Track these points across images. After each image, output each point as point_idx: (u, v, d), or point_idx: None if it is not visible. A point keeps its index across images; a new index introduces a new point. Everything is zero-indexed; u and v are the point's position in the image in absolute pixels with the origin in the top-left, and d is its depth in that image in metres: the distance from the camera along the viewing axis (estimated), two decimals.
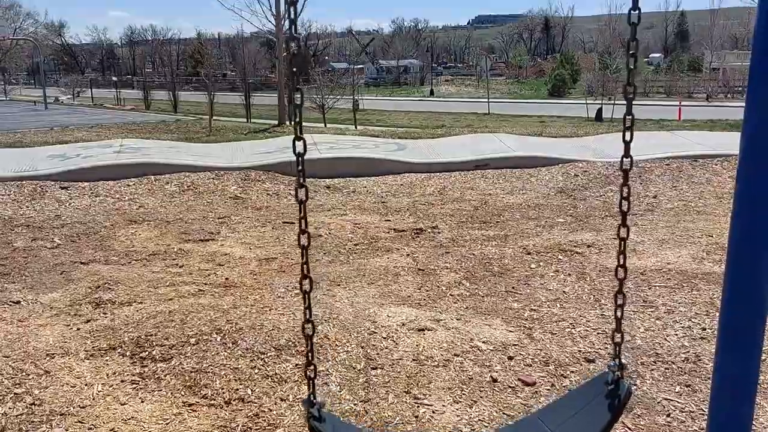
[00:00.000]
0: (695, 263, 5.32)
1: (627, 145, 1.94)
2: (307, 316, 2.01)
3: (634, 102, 1.96)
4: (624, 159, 1.96)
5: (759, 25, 2.02)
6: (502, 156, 10.16)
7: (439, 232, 6.63)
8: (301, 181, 1.92)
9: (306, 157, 1.87)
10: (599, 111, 25.72)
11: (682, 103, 25.98)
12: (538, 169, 9.59)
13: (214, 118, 22.55)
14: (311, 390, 1.97)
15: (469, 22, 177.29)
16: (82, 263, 5.51)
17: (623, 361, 2.02)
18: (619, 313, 2.02)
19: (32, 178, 8.58)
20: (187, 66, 76.64)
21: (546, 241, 6.13)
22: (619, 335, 2.03)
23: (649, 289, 4.75)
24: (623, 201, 1.98)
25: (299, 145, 1.92)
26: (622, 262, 1.99)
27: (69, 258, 5.68)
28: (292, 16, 2.00)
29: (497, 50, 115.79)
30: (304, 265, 1.98)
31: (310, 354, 2.02)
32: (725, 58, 48.96)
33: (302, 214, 1.97)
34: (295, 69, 2.01)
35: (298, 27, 1.97)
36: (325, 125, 22.07)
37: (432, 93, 56.55)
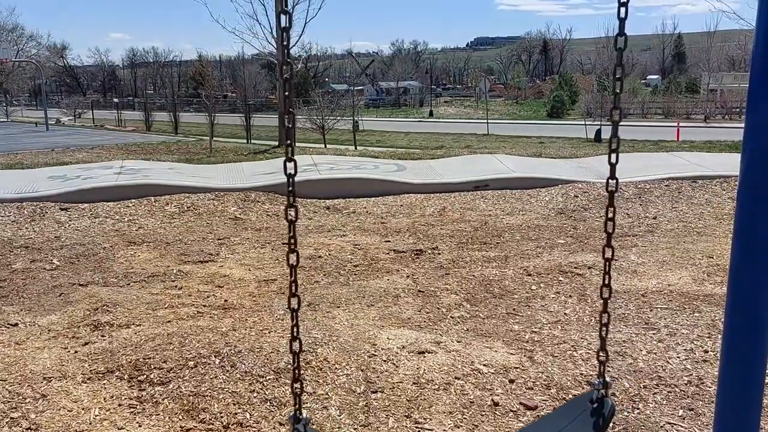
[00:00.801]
0: (696, 285, 5.30)
1: (612, 167, 1.98)
2: (295, 333, 2.00)
3: (632, 124, 1.98)
4: (609, 181, 2.00)
5: (756, 49, 2.03)
6: (501, 177, 10.18)
7: (439, 253, 6.61)
8: (291, 200, 1.91)
9: (306, 177, 1.88)
10: (598, 132, 25.85)
11: (681, 124, 26.12)
12: (537, 190, 9.60)
13: (215, 139, 22.67)
14: (297, 406, 1.96)
15: (467, 45, 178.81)
16: (80, 285, 5.49)
17: (609, 380, 2.01)
18: (603, 332, 2.03)
19: (32, 199, 8.58)
20: (188, 87, 77.15)
21: (546, 263, 6.12)
22: (603, 354, 2.03)
23: (651, 311, 4.72)
24: (608, 222, 2.01)
25: (290, 166, 1.92)
26: (606, 282, 2.02)
27: (67, 280, 5.66)
28: (285, 42, 2.01)
29: (496, 72, 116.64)
30: (292, 284, 1.96)
31: (296, 370, 2.01)
32: (722, 79, 49.30)
33: (291, 233, 1.96)
34: (287, 93, 2.01)
35: (298, 48, 1.99)
36: (325, 146, 22.17)
37: (431, 114, 56.84)
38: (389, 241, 7.22)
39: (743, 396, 1.84)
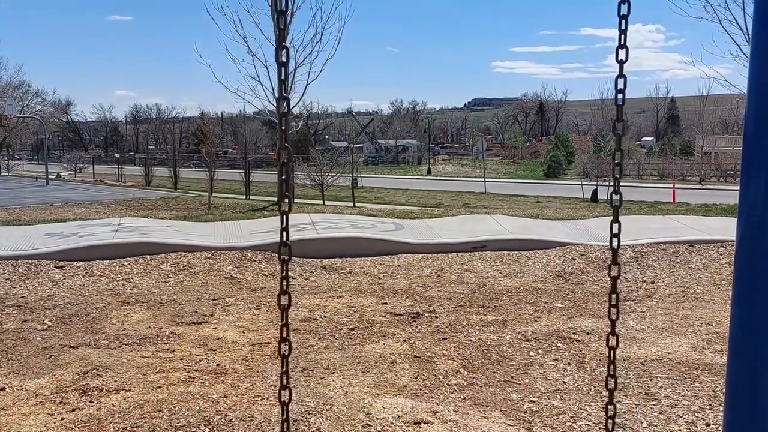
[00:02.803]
0: (696, 353, 5.23)
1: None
2: (284, 382, 1.96)
3: (628, 184, 2.00)
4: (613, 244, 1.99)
5: (748, 117, 2.07)
6: (499, 238, 10.18)
7: (436, 317, 6.54)
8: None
9: (303, 236, 1.89)
10: (594, 192, 26.04)
11: (676, 186, 26.36)
12: (535, 252, 9.59)
13: (214, 194, 22.77)
14: None
15: (465, 105, 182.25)
16: (71, 347, 5.40)
17: None
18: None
19: (28, 257, 8.54)
20: (189, 143, 78.15)
21: (545, 328, 6.05)
22: None
23: (651, 380, 4.64)
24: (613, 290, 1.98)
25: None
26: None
27: (58, 341, 5.57)
28: (284, 109, 2.04)
29: (493, 131, 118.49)
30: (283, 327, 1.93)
31: (285, 423, 1.95)
32: (716, 142, 50.09)
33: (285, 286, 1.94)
34: (284, 162, 2.03)
35: (300, 107, 2.02)
36: (324, 203, 22.26)
37: (429, 172, 57.38)
38: (386, 303, 7.16)
39: None
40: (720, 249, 9.28)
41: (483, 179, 36.13)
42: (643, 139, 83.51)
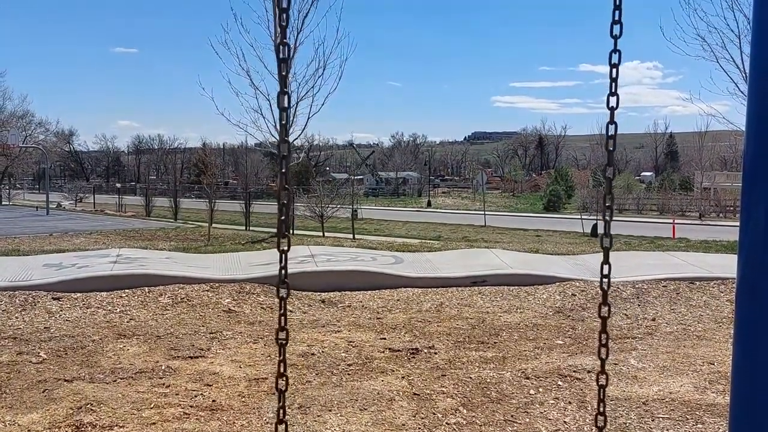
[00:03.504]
0: (698, 393, 5.16)
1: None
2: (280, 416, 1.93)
3: (628, 219, 1.99)
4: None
5: (747, 154, 2.07)
6: (499, 273, 10.14)
7: (435, 353, 6.48)
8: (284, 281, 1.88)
9: (302, 269, 1.88)
10: (594, 227, 26.04)
11: (676, 221, 26.38)
12: (535, 287, 9.54)
13: (214, 225, 22.77)
14: None
15: (465, 138, 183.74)
16: (66, 381, 5.33)
17: None
18: None
19: (25, 288, 8.49)
20: (190, 174, 78.45)
21: (545, 365, 5.99)
22: None
23: (653, 421, 4.57)
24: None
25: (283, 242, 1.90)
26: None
27: (53, 374, 5.51)
28: (285, 153, 2.05)
29: (493, 164, 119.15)
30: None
31: None
32: (715, 178, 50.29)
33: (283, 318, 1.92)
34: (285, 202, 2.03)
35: (301, 139, 2.04)
36: (324, 234, 22.25)
37: (429, 204, 57.52)
38: (385, 339, 7.09)
39: None
40: (721, 286, 9.24)
41: (483, 212, 36.18)
42: (642, 174, 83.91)
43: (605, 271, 1.96)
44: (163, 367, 5.77)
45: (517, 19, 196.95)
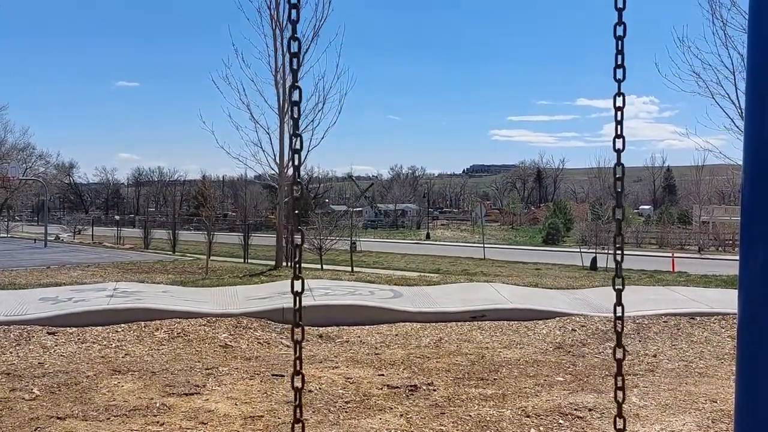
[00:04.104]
0: None
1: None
2: None
3: (627, 253, 1.99)
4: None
5: (744, 189, 2.07)
6: (498, 308, 10.08)
7: (434, 390, 6.39)
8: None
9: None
10: (594, 260, 26.03)
11: (675, 255, 26.36)
12: (535, 322, 9.47)
13: (212, 258, 22.71)
14: None
15: (464, 171, 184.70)
16: (58, 418, 5.24)
17: None
18: None
19: (20, 322, 8.42)
20: (189, 206, 78.61)
21: (545, 403, 5.90)
22: None
23: None
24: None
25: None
26: None
27: (46, 412, 5.41)
28: (297, 194, 2.04)
29: (491, 197, 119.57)
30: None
31: None
32: (713, 212, 50.41)
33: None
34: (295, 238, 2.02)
35: (300, 171, 2.02)
36: (322, 267, 22.18)
37: (428, 236, 57.53)
38: (383, 375, 7.00)
39: None
40: (722, 322, 9.17)
41: (482, 245, 36.15)
42: (640, 207, 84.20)
43: (618, 313, 1.94)
44: (157, 404, 5.68)
45: (514, 54, 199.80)
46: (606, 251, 25.93)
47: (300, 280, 1.99)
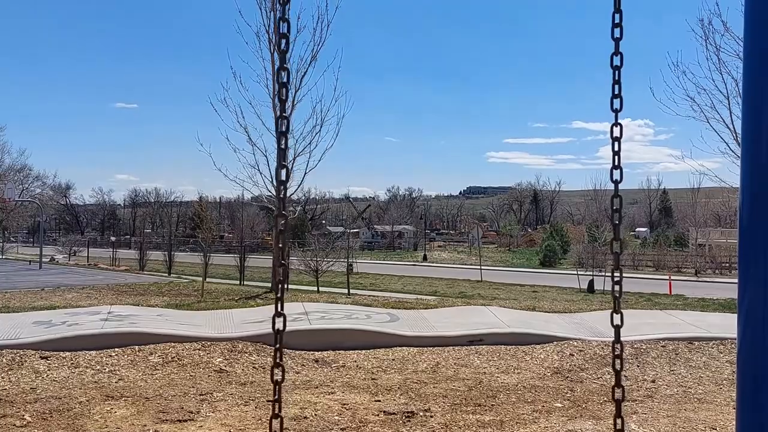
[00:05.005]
0: None
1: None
2: None
3: (624, 275, 1.98)
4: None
5: (742, 211, 2.06)
6: (496, 332, 10.01)
7: (431, 416, 6.31)
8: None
9: (295, 327, 1.85)
10: (591, 283, 25.98)
11: (672, 278, 26.34)
12: (532, 346, 9.41)
13: (208, 280, 22.61)
14: None
15: (460, 192, 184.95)
16: None
17: None
18: None
19: (13, 346, 8.32)
20: (186, 227, 78.45)
21: (544, 430, 5.83)
22: None
23: None
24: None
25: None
26: None
27: None
28: (281, 227, 2.02)
29: (488, 219, 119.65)
30: None
31: None
32: (710, 235, 50.47)
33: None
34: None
35: (298, 194, 2.01)
36: (318, 290, 22.09)
37: (425, 258, 57.41)
38: (379, 401, 6.92)
39: None
40: (720, 347, 9.13)
41: (479, 267, 36.09)
42: (637, 229, 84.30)
43: (617, 351, 1.91)
44: (150, 431, 5.60)
45: (510, 77, 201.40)
46: (603, 274, 25.91)
47: (282, 317, 1.97)
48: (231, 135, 20.69)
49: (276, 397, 2.03)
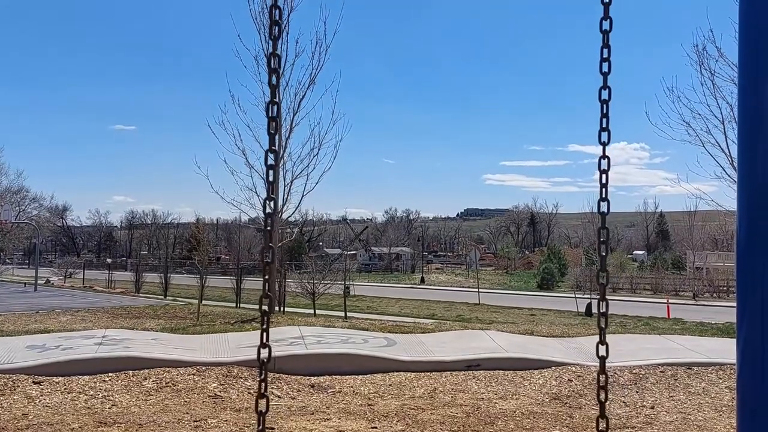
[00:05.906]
0: None
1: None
2: None
3: (622, 298, 1.95)
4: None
5: (739, 233, 2.04)
6: (494, 357, 9.94)
7: None
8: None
9: (291, 352, 1.84)
10: (589, 306, 25.90)
11: (670, 301, 26.28)
12: (530, 372, 9.33)
13: (204, 302, 22.48)
14: None
15: (458, 215, 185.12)
16: None
17: None
18: None
19: (6, 371, 8.22)
20: (182, 249, 78.26)
21: None
22: None
23: None
24: None
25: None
26: None
27: None
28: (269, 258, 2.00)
29: (486, 241, 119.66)
30: None
31: None
32: (707, 258, 50.46)
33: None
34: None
35: (295, 216, 1.99)
36: (315, 313, 21.97)
37: (423, 281, 57.26)
38: (376, 428, 6.83)
39: None
40: (719, 372, 9.06)
41: (477, 290, 35.98)
42: (634, 252, 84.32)
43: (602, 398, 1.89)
44: None
45: (506, 100, 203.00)
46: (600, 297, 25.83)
47: (268, 348, 1.95)
48: (228, 158, 20.64)
49: (260, 428, 2.04)
